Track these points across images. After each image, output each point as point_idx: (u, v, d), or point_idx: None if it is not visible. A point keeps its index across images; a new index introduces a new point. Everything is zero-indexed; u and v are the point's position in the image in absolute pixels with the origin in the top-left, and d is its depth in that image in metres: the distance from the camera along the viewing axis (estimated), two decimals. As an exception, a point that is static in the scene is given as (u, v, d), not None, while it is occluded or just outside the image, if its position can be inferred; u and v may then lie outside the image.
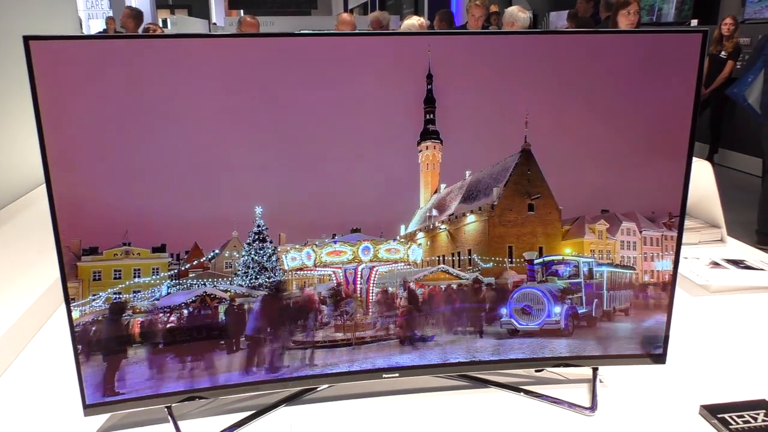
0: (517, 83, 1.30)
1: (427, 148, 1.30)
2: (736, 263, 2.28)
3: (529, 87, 1.30)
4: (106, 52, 1.15)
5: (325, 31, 1.31)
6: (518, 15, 6.60)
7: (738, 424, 1.33)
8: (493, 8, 12.66)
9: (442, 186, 1.35)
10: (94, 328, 1.25)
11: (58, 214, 1.17)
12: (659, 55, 1.30)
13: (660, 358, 1.47)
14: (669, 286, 1.43)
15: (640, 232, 1.40)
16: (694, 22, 9.00)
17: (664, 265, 1.43)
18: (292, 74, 1.23)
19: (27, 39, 1.09)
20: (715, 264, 2.24)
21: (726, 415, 1.36)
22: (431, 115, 1.28)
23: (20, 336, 1.70)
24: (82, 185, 1.19)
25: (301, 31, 1.22)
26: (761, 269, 2.22)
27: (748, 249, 2.47)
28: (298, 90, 1.24)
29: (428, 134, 1.29)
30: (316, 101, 1.25)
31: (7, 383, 1.55)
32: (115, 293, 1.26)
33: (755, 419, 1.35)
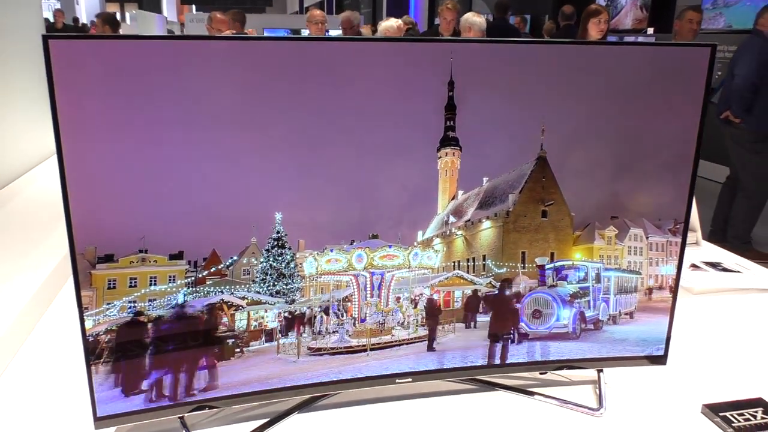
0: (534, 91, 1.32)
1: (446, 155, 1.31)
2: (714, 265, 2.37)
3: (545, 95, 1.33)
4: (125, 53, 1.12)
5: (349, 36, 1.30)
6: (474, 19, 6.68)
7: (739, 421, 1.39)
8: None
9: (460, 192, 1.36)
10: (107, 338, 1.21)
11: (73, 219, 1.13)
12: (669, 68, 1.34)
13: (661, 359, 1.52)
14: (672, 289, 1.48)
15: (647, 237, 1.44)
16: (650, 31, 9.30)
17: (668, 269, 1.47)
18: (313, 79, 1.22)
19: (46, 38, 1.05)
20: (695, 266, 2.32)
21: (727, 414, 1.41)
22: (452, 122, 1.29)
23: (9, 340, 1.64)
24: (99, 191, 1.15)
25: (329, 35, 1.21)
26: (738, 271, 2.31)
27: (722, 252, 2.57)
28: (319, 95, 1.23)
29: (448, 141, 1.30)
30: (337, 107, 1.24)
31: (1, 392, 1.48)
32: (130, 302, 1.22)
33: (755, 417, 1.41)
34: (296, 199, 1.27)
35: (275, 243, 1.27)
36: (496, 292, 1.42)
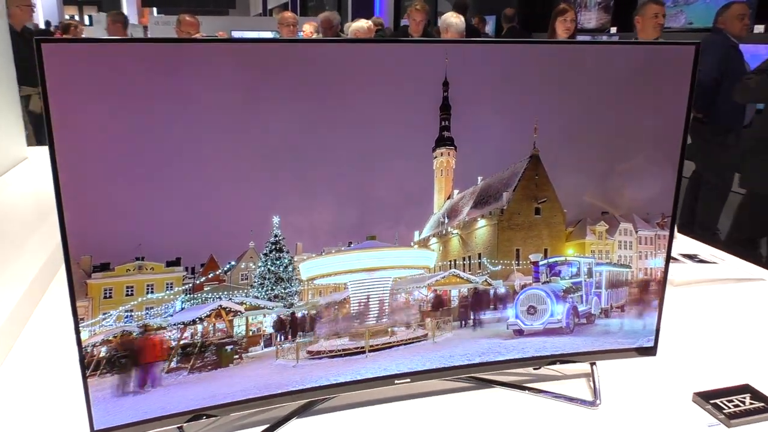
0: (526, 91, 1.34)
1: (441, 155, 1.32)
2: (691, 257, 2.43)
3: (537, 94, 1.34)
4: (120, 56, 1.09)
5: (344, 39, 1.30)
6: (452, 20, 6.74)
7: (729, 408, 1.43)
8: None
9: (455, 192, 1.37)
10: (104, 349, 1.19)
11: (68, 228, 1.10)
12: (655, 66, 1.37)
13: (651, 351, 1.55)
14: (660, 282, 1.51)
15: (636, 232, 1.47)
16: (614, 30, 9.50)
17: (657, 262, 1.51)
18: (309, 82, 1.21)
19: (39, 42, 1.02)
20: (674, 259, 2.38)
21: (717, 401, 1.45)
22: (446, 122, 1.29)
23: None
24: (94, 198, 1.12)
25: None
26: (714, 262, 2.38)
27: (697, 243, 2.64)
28: (315, 98, 1.22)
29: (443, 141, 1.30)
30: (333, 109, 1.24)
31: (-13, 412, 1.44)
32: (126, 311, 1.19)
33: (743, 402, 1.45)
34: (293, 202, 1.26)
35: (273, 247, 1.26)
36: (492, 289, 1.43)
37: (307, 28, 7.42)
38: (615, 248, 1.48)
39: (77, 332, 1.16)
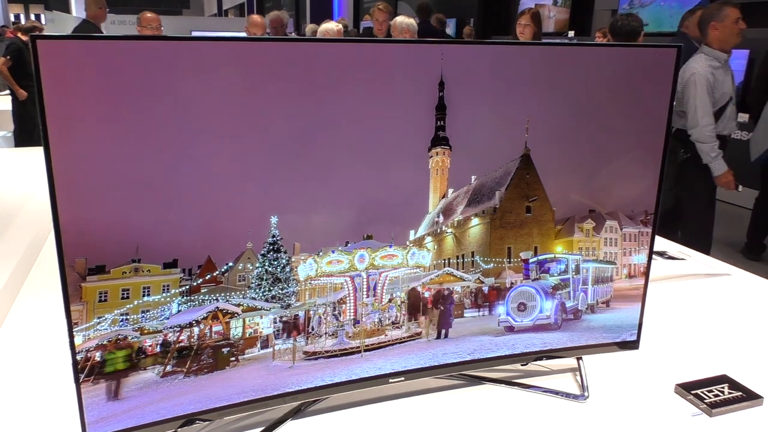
0: (519, 91, 1.36)
1: (437, 154, 1.33)
2: (661, 254, 2.51)
3: (529, 95, 1.37)
4: (116, 55, 1.07)
5: (340, 38, 1.29)
6: (408, 21, 6.80)
7: (710, 397, 1.48)
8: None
9: (450, 191, 1.38)
10: (97, 354, 1.15)
11: (62, 230, 1.07)
12: (639, 68, 1.42)
13: (634, 344, 1.60)
14: (643, 278, 1.56)
15: (621, 229, 1.52)
16: (571, 34, 9.73)
17: (640, 258, 1.56)
18: (306, 82, 1.21)
19: (34, 39, 0.99)
20: (644, 256, 2.46)
21: (698, 391, 1.51)
22: (442, 122, 1.31)
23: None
24: (89, 199, 1.09)
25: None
26: (683, 259, 2.47)
27: (664, 241, 2.73)
28: (311, 98, 1.22)
29: (439, 140, 1.32)
30: (329, 109, 1.24)
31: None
32: (122, 314, 1.16)
33: (722, 392, 1.51)
34: (291, 202, 1.25)
35: (271, 247, 1.25)
36: (485, 287, 1.45)
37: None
38: (601, 245, 1.52)
39: (71, 337, 1.13)
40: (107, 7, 6.75)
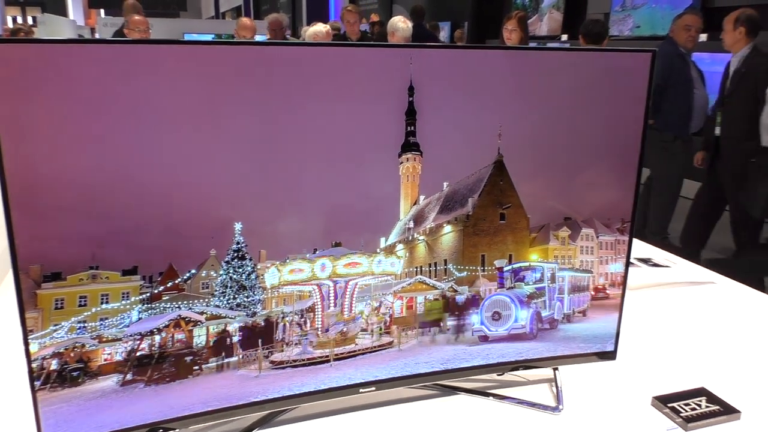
0: (490, 96, 1.34)
1: (407, 160, 1.31)
2: (645, 261, 2.49)
3: (501, 100, 1.35)
4: (72, 57, 1.04)
5: (309, 42, 1.27)
6: (399, 25, 6.77)
7: (687, 411, 1.46)
8: (374, 17, 12.93)
9: (421, 198, 1.36)
10: (54, 362, 1.13)
11: (16, 236, 1.04)
12: (613, 73, 1.40)
13: (611, 355, 1.58)
14: (620, 287, 1.54)
15: (597, 237, 1.49)
16: (565, 37, 9.72)
17: (617, 267, 1.53)
18: (272, 85, 1.18)
19: (-17, 40, 0.96)
20: (629, 263, 2.43)
21: (675, 404, 1.48)
22: (412, 127, 1.28)
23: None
24: (45, 205, 1.06)
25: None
26: (667, 266, 2.45)
27: (651, 248, 2.71)
28: (278, 101, 1.19)
29: (409, 146, 1.29)
30: (297, 113, 1.21)
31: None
32: (79, 322, 1.14)
33: (699, 406, 1.48)
34: (256, 208, 1.22)
35: (235, 254, 1.22)
36: (458, 296, 1.42)
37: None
38: (577, 253, 1.50)
39: (26, 344, 1.10)
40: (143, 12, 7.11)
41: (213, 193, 1.19)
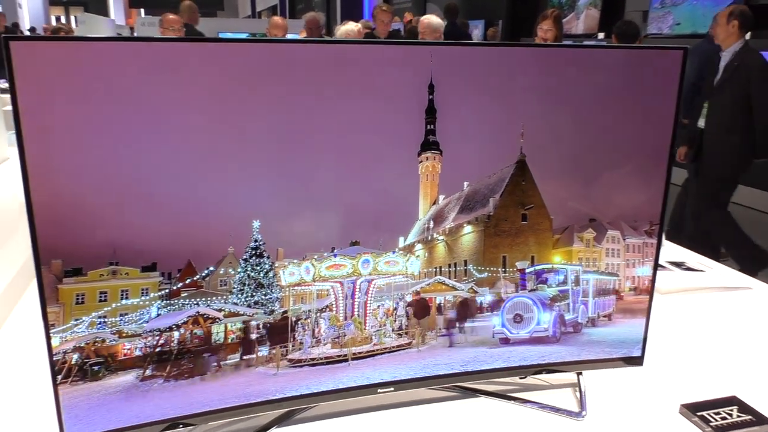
0: (513, 94, 1.31)
1: (427, 159, 1.29)
2: (678, 265, 2.42)
3: (524, 98, 1.32)
4: (93, 56, 1.06)
5: (328, 39, 1.27)
6: (432, 18, 6.76)
7: (716, 420, 1.41)
8: (408, 16, 12.90)
9: (441, 197, 1.34)
10: (75, 356, 1.15)
11: (38, 232, 1.06)
12: (643, 71, 1.36)
13: (638, 360, 1.53)
14: (648, 291, 1.49)
15: (624, 239, 1.45)
16: (601, 36, 9.54)
17: (644, 271, 1.49)
18: (290, 84, 1.18)
19: (7, 40, 0.98)
20: (661, 266, 2.37)
21: (704, 413, 1.43)
22: (432, 126, 1.27)
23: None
24: (66, 200, 1.08)
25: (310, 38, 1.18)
26: (702, 270, 2.37)
27: (684, 251, 2.63)
28: (297, 100, 1.19)
29: (428, 145, 1.28)
30: (316, 111, 1.21)
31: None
32: (99, 317, 1.15)
33: (730, 415, 1.43)
34: (275, 207, 1.22)
35: (253, 252, 1.23)
36: (478, 297, 1.40)
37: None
38: (602, 256, 1.46)
39: (48, 338, 1.12)
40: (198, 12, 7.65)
41: (232, 190, 1.19)
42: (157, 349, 1.20)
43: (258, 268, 1.24)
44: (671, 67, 1.36)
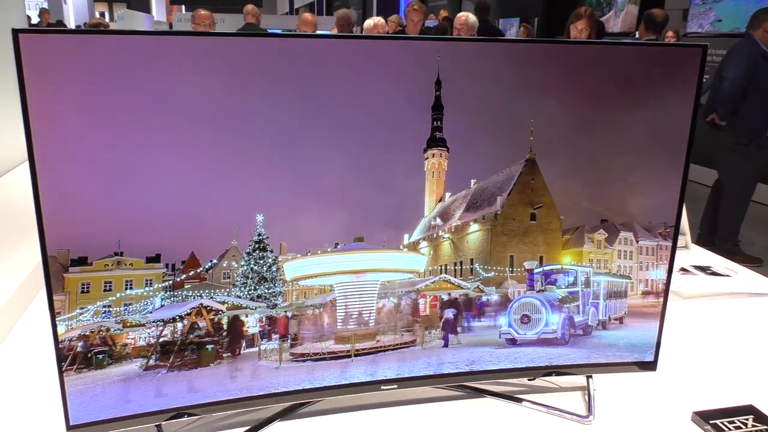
0: (522, 92, 1.29)
1: (433, 156, 1.28)
2: (703, 269, 2.35)
3: (534, 95, 1.30)
4: (100, 48, 1.07)
5: (333, 34, 1.26)
6: (469, 15, 6.71)
7: (730, 429, 1.36)
8: (443, 13, 12.82)
9: (447, 194, 1.33)
10: (80, 344, 1.17)
11: (45, 220, 1.09)
12: (661, 69, 1.32)
13: (651, 365, 1.49)
14: (662, 294, 1.45)
15: (637, 241, 1.41)
16: (638, 34, 9.31)
17: (658, 274, 1.45)
18: (297, 78, 1.18)
19: (16, 32, 1.01)
20: (684, 270, 2.31)
21: (718, 421, 1.39)
22: (438, 122, 1.25)
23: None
24: (72, 191, 1.10)
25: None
26: (727, 275, 2.30)
27: (711, 255, 2.55)
28: (303, 95, 1.19)
29: (435, 142, 1.26)
30: (321, 106, 1.21)
31: (-29, 402, 1.43)
32: (104, 306, 1.17)
33: (745, 424, 1.38)
34: (278, 201, 1.23)
35: (256, 246, 1.23)
36: (484, 296, 1.39)
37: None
38: (614, 258, 1.42)
39: (54, 326, 1.14)
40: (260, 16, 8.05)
41: (235, 184, 1.20)
42: (161, 340, 1.22)
43: (261, 261, 1.25)
44: (690, 65, 1.31)
